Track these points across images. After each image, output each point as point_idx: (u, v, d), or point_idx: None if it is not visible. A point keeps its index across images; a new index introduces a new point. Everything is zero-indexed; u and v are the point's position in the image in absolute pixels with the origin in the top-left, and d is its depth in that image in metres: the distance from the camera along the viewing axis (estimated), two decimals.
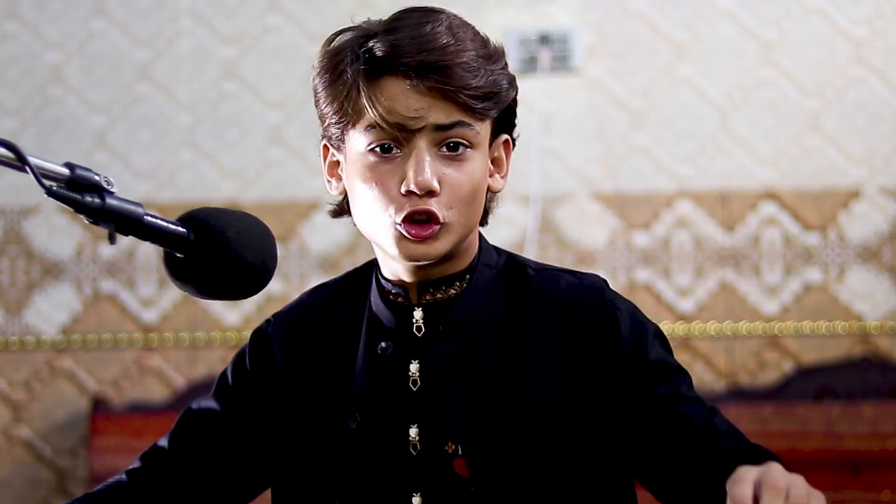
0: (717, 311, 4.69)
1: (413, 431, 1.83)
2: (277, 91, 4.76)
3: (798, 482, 1.49)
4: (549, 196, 4.68)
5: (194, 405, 1.98)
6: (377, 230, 1.82)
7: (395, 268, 1.88)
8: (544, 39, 4.70)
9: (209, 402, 1.96)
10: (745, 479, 1.48)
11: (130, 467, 1.95)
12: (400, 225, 1.79)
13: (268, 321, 1.99)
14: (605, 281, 1.91)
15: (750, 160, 4.72)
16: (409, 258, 1.81)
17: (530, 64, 4.68)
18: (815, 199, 4.71)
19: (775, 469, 1.49)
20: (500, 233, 4.58)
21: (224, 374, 1.97)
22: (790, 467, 1.54)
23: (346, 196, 1.89)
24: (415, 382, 1.85)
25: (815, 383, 4.65)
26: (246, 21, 4.77)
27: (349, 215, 1.89)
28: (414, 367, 1.85)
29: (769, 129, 4.72)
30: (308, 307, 1.97)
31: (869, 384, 4.63)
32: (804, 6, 4.71)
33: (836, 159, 4.71)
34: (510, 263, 1.93)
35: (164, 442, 1.96)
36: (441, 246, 1.81)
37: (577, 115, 4.73)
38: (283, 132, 4.73)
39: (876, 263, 4.71)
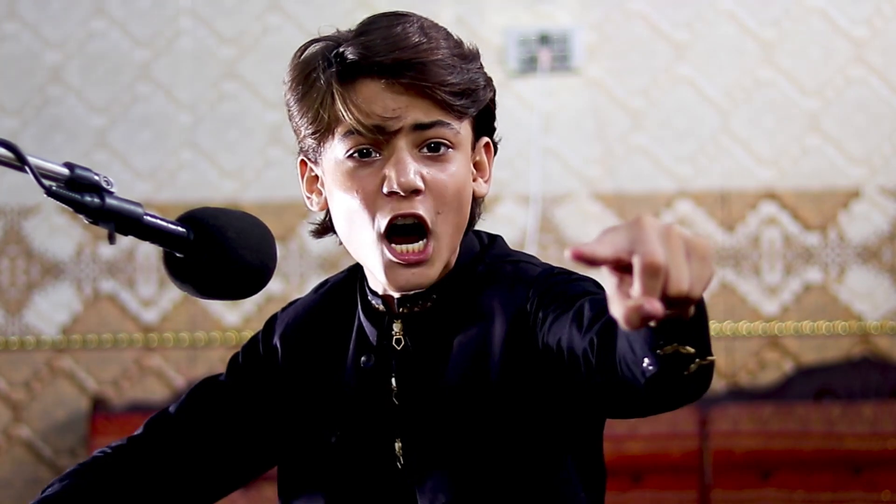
0: (717, 311, 4.68)
1: (398, 445, 1.80)
2: (277, 91, 4.73)
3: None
4: (549, 196, 4.68)
5: (205, 379, 1.95)
6: (364, 251, 1.77)
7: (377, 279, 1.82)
8: (544, 39, 4.70)
9: (221, 378, 1.93)
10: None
11: (134, 434, 1.91)
12: (387, 247, 1.74)
13: (283, 309, 1.96)
14: (543, 268, 1.81)
15: (750, 160, 4.72)
16: (399, 288, 1.77)
17: (530, 64, 4.68)
18: (815, 199, 4.71)
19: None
20: (500, 233, 4.57)
21: (236, 355, 1.95)
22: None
23: (328, 212, 1.83)
24: (397, 397, 1.81)
25: (815, 383, 4.65)
26: (246, 21, 4.77)
27: (334, 233, 1.84)
28: (394, 381, 1.81)
29: (769, 129, 4.72)
30: (309, 308, 1.93)
31: (869, 384, 4.63)
32: (804, 6, 4.72)
33: (836, 159, 4.71)
34: (477, 260, 1.86)
35: (171, 410, 1.92)
36: (432, 271, 1.76)
37: (577, 115, 4.73)
38: (283, 132, 4.72)
39: (876, 263, 4.71)
